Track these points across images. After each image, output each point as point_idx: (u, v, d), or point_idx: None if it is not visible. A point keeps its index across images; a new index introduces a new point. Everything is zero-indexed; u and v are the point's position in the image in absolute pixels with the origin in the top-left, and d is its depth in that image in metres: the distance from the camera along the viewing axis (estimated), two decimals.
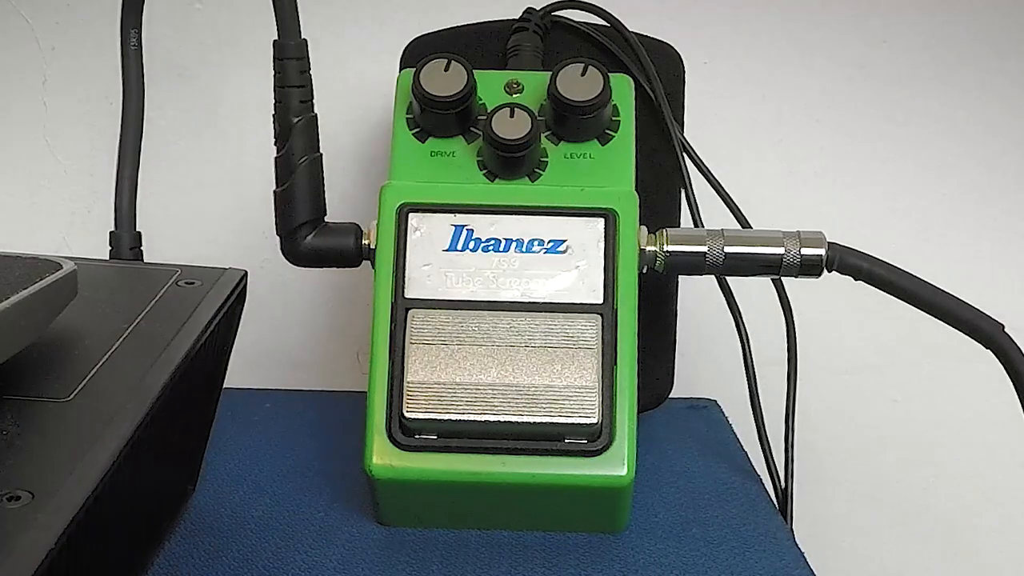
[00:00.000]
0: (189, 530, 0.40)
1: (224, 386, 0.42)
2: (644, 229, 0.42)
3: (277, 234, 0.42)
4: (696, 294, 0.57)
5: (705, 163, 0.50)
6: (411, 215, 0.41)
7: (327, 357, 0.65)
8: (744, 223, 0.49)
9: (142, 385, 0.31)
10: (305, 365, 0.65)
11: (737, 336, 0.50)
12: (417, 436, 0.38)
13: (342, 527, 0.41)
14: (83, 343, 0.33)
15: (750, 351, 0.50)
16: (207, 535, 0.40)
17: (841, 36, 0.61)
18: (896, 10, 0.60)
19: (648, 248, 0.42)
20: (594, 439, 0.38)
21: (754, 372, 0.50)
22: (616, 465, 0.38)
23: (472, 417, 0.37)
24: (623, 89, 0.44)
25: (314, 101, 0.41)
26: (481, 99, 0.43)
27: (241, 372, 0.48)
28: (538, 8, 0.50)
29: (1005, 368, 0.40)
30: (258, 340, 0.64)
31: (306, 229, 0.42)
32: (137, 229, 0.47)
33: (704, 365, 0.63)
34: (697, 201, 0.50)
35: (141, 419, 0.29)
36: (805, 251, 0.41)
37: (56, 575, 0.25)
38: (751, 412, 0.51)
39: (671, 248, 0.42)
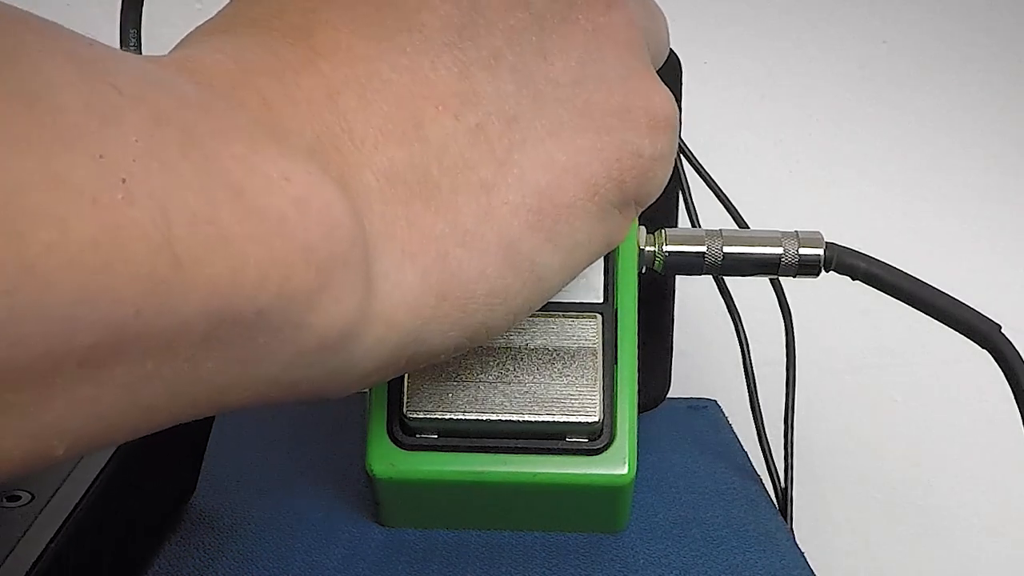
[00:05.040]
0: (189, 530, 0.40)
1: None
2: (643, 229, 0.42)
3: None
4: (695, 295, 0.57)
5: (703, 163, 0.50)
6: None
7: None
8: (742, 223, 0.49)
9: None
10: None
11: (736, 337, 0.50)
12: (418, 435, 0.38)
13: (342, 527, 0.41)
14: None
15: (749, 351, 0.50)
16: (207, 535, 0.40)
17: (841, 36, 0.61)
18: (896, 10, 0.60)
19: (647, 248, 0.42)
20: (595, 438, 0.38)
21: (753, 372, 0.50)
22: (617, 464, 0.38)
23: (473, 416, 0.37)
24: None
25: None
26: None
27: None
28: None
29: (1002, 369, 0.40)
30: None
31: None
32: None
33: (703, 365, 0.63)
34: (695, 202, 0.50)
35: None
36: (803, 251, 0.41)
37: (55, 575, 0.25)
38: (751, 412, 0.51)
39: (670, 248, 0.42)
